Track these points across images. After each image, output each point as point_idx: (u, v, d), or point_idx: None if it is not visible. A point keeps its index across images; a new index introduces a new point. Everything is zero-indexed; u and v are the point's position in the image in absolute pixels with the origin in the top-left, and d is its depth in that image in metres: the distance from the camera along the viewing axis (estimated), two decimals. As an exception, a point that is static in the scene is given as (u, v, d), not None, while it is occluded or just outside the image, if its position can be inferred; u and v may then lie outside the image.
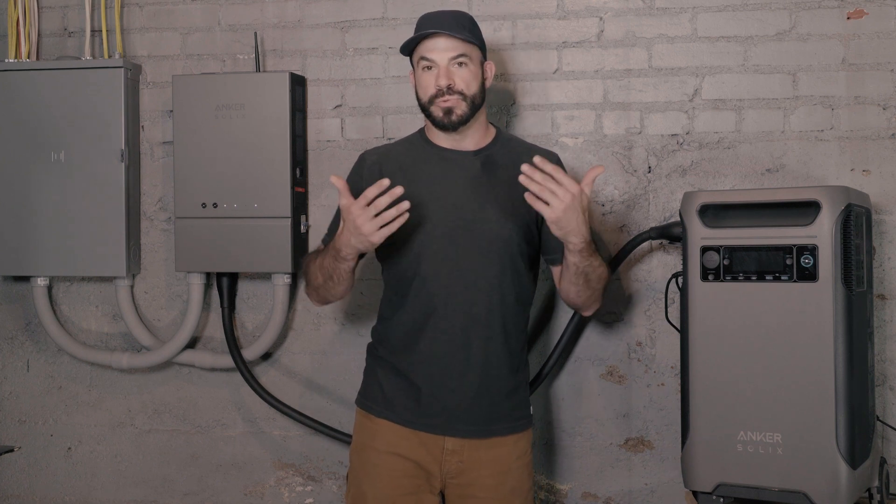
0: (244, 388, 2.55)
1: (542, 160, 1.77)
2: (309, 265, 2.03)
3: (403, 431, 1.97)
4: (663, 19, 2.41)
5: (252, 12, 2.61)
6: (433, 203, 1.97)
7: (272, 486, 2.63)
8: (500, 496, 1.98)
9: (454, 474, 1.98)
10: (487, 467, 1.97)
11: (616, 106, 2.43)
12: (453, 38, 1.96)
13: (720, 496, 1.96)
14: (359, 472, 2.02)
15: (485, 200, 1.98)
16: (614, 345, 2.45)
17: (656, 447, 2.42)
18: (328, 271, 1.95)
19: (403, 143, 2.13)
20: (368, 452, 2.00)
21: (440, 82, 1.96)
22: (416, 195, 1.93)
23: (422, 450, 1.96)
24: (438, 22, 1.98)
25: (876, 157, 2.32)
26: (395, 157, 2.06)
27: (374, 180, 1.84)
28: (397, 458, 1.96)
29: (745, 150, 2.37)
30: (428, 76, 1.98)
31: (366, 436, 2.02)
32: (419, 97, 2.02)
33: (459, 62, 1.97)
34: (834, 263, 1.87)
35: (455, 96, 1.95)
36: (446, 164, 2.02)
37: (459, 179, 2.00)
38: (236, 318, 2.62)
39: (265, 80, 2.48)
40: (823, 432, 1.86)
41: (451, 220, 1.97)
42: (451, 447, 1.96)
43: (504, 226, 1.97)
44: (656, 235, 2.32)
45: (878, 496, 2.06)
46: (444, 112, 1.96)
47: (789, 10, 2.35)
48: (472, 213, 1.97)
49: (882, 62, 2.31)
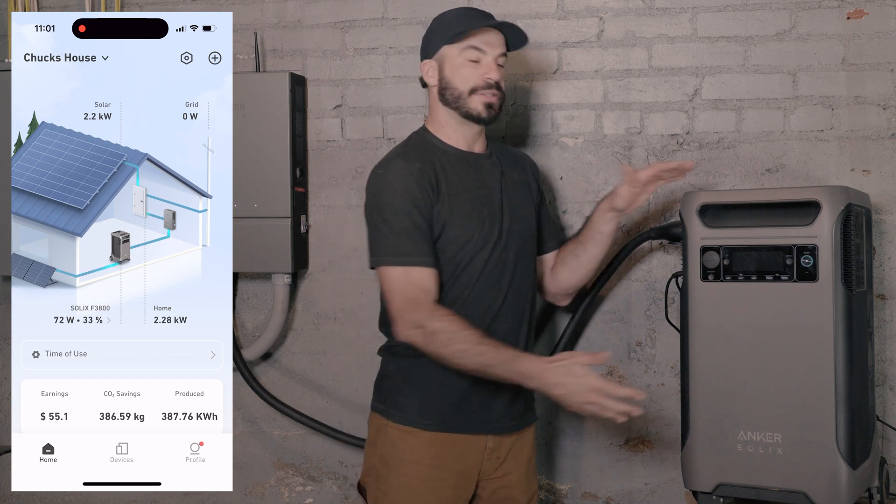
0: (244, 388, 2.55)
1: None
2: (460, 341, 1.81)
3: (447, 439, 1.94)
4: (663, 19, 2.41)
5: (252, 12, 2.61)
6: (483, 211, 1.96)
7: (272, 486, 2.63)
8: (526, 483, 2.07)
9: (492, 471, 1.99)
10: (518, 457, 2.04)
11: (616, 106, 2.43)
12: (502, 36, 2.00)
13: (720, 496, 1.97)
14: (394, 487, 1.94)
15: (514, 203, 2.03)
16: (614, 345, 2.45)
17: (656, 447, 2.42)
18: (485, 373, 1.82)
19: (421, 147, 2.00)
20: (408, 467, 1.93)
21: (491, 76, 1.96)
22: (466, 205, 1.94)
23: (465, 455, 1.95)
24: (490, 17, 2.01)
25: (876, 157, 2.32)
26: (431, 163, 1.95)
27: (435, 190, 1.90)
28: (440, 469, 1.93)
29: (745, 150, 2.37)
30: (473, 68, 1.96)
31: (403, 449, 1.94)
32: (454, 87, 1.97)
33: (500, 62, 2.00)
34: (834, 263, 1.87)
35: (499, 93, 1.98)
36: (475, 169, 2.01)
37: (491, 184, 2.01)
38: (236, 318, 2.62)
39: (265, 80, 2.48)
40: (823, 432, 1.86)
41: (497, 228, 1.97)
42: (491, 446, 1.98)
43: (531, 225, 2.07)
44: (656, 235, 2.32)
45: (878, 496, 2.06)
46: (486, 106, 1.96)
47: (789, 10, 2.35)
48: (509, 216, 2.00)
49: (882, 62, 2.31)
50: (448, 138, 2.01)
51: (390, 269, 1.89)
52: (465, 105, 1.96)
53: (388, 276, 1.89)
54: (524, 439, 2.06)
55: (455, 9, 2.07)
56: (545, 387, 1.75)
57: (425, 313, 1.84)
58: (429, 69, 2.02)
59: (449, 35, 1.98)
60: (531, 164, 2.20)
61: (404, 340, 1.87)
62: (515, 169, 2.10)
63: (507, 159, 2.10)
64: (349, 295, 2.57)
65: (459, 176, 1.97)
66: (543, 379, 1.75)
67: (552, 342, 2.44)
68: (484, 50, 1.96)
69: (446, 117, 2.01)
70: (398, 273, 1.88)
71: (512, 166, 2.09)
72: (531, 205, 2.10)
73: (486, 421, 1.97)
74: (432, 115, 2.04)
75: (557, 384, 1.73)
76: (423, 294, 1.86)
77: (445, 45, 1.98)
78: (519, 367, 1.78)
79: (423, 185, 1.90)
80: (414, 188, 1.89)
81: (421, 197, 1.89)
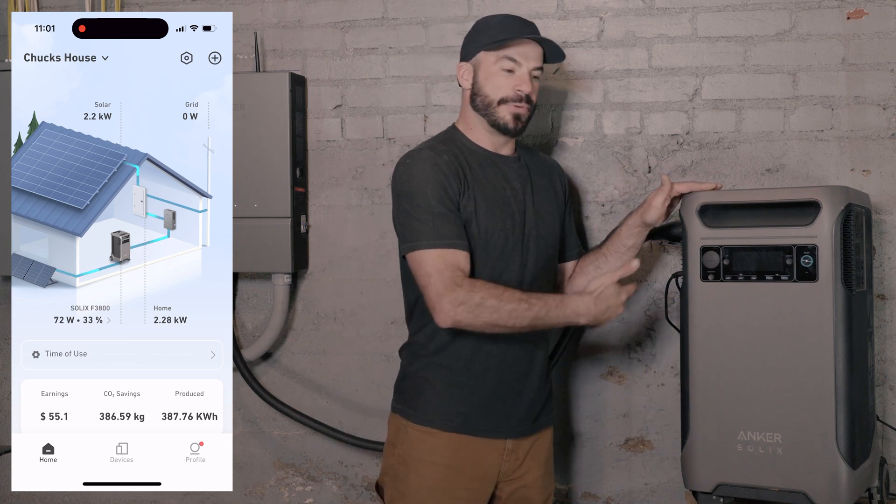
0: (244, 388, 2.55)
1: None
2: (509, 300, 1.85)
3: (467, 440, 1.94)
4: (663, 19, 2.41)
5: (252, 12, 2.61)
6: (507, 210, 1.97)
7: (272, 486, 2.63)
8: (543, 484, 2.08)
9: (510, 472, 2.00)
10: (536, 459, 2.05)
11: (616, 106, 2.43)
12: (539, 48, 1.99)
13: (720, 496, 1.96)
14: (412, 487, 1.94)
15: (539, 207, 2.04)
16: (614, 345, 2.45)
17: (656, 447, 2.42)
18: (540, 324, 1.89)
19: (450, 143, 2.01)
20: (426, 467, 1.94)
21: (523, 88, 1.95)
22: (492, 201, 1.95)
23: (484, 457, 1.96)
24: (531, 29, 2.01)
25: (876, 157, 2.32)
26: (459, 158, 1.96)
27: (462, 182, 1.92)
28: (458, 469, 1.94)
29: (745, 150, 2.37)
30: (507, 78, 1.96)
31: (422, 450, 1.94)
32: (485, 94, 1.97)
33: (535, 75, 1.99)
34: (834, 263, 1.87)
35: (529, 106, 1.98)
36: (502, 170, 2.01)
37: (517, 186, 2.01)
38: (236, 318, 2.62)
39: (265, 80, 2.48)
40: (823, 432, 1.86)
41: (520, 229, 1.98)
42: (510, 448, 1.99)
43: (554, 230, 2.08)
44: (656, 235, 2.31)
45: (878, 496, 2.06)
46: (514, 117, 1.96)
47: (789, 10, 2.35)
48: (532, 219, 2.01)
49: (882, 62, 2.31)
50: (476, 139, 2.02)
51: (426, 253, 1.86)
52: (494, 114, 1.96)
53: (424, 260, 1.86)
54: (542, 440, 2.07)
55: (499, 15, 2.04)
56: (596, 316, 1.90)
57: (465, 290, 1.83)
58: (464, 72, 2.02)
59: (487, 41, 1.97)
60: (560, 171, 2.19)
61: (451, 324, 1.84)
62: (543, 175, 2.10)
63: (536, 164, 2.11)
64: (349, 295, 2.57)
65: (485, 174, 1.97)
66: (594, 310, 1.90)
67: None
68: (519, 61, 1.96)
69: (475, 121, 2.01)
70: (434, 256, 1.86)
71: (540, 172, 2.09)
72: (556, 211, 2.09)
73: (508, 423, 1.98)
74: (463, 116, 2.05)
75: (601, 311, 1.90)
76: (461, 273, 1.85)
77: (482, 51, 1.98)
78: (569, 309, 1.89)
79: (451, 175, 1.90)
80: (442, 177, 1.89)
81: (449, 186, 1.90)
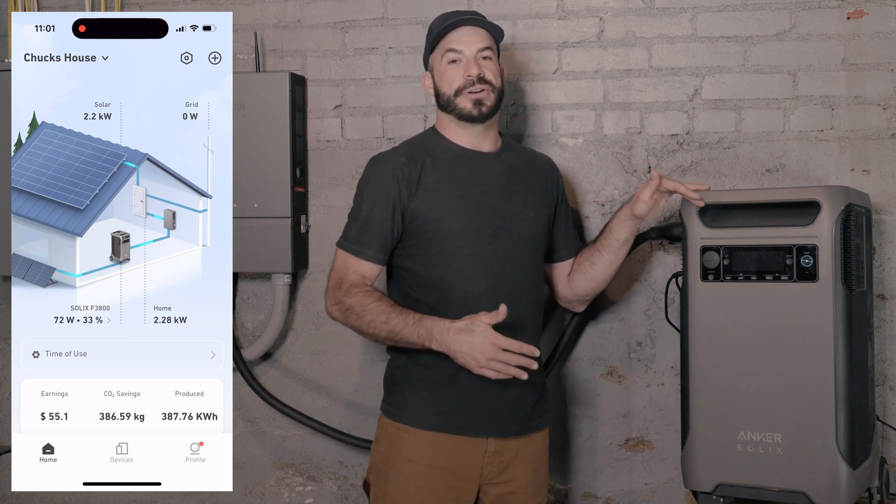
0: (244, 388, 2.55)
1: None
2: (370, 312, 1.89)
3: (443, 439, 1.93)
4: (663, 19, 2.41)
5: (252, 12, 2.61)
6: (471, 206, 1.97)
7: (272, 486, 2.63)
8: (534, 491, 2.03)
9: (494, 475, 1.97)
10: (525, 463, 2.00)
11: (616, 106, 2.43)
12: (481, 30, 2.00)
13: (720, 496, 1.97)
14: (392, 486, 1.95)
15: (517, 202, 2.02)
16: (614, 345, 2.45)
17: (656, 447, 2.42)
18: (396, 339, 1.88)
19: (421, 144, 2.05)
20: (404, 465, 1.94)
21: (471, 72, 1.96)
22: (453, 199, 1.96)
23: (464, 457, 1.94)
24: (462, 14, 2.02)
25: (876, 157, 2.32)
26: (420, 159, 1.99)
27: (413, 186, 1.94)
28: (436, 469, 1.92)
29: (745, 150, 2.37)
30: (455, 69, 1.98)
31: (401, 448, 1.95)
32: (443, 92, 2.00)
33: (485, 55, 1.99)
34: (834, 263, 1.87)
35: (486, 86, 1.97)
36: (475, 166, 2.01)
37: (491, 182, 2.01)
38: (236, 318, 2.62)
39: (265, 80, 2.48)
40: (823, 432, 1.86)
41: (491, 223, 1.97)
42: (492, 449, 1.95)
43: (535, 225, 2.04)
44: (656, 235, 2.32)
45: (878, 496, 2.06)
46: (475, 103, 1.96)
47: (789, 10, 2.35)
48: (509, 214, 2.00)
49: (882, 62, 2.31)
50: (455, 137, 2.03)
51: (339, 251, 2.00)
52: (456, 107, 1.98)
53: (336, 257, 2.00)
54: (532, 445, 2.03)
55: (436, 17, 2.07)
56: (448, 344, 1.81)
57: (342, 292, 1.93)
58: (427, 80, 2.08)
59: (429, 44, 2.03)
60: (552, 169, 2.17)
61: (332, 319, 1.97)
62: (530, 171, 2.09)
63: (521, 160, 2.09)
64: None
65: (453, 172, 1.98)
66: (445, 337, 1.81)
67: (552, 342, 2.44)
68: (460, 49, 1.98)
69: (447, 121, 2.04)
70: (342, 256, 1.99)
71: (525, 168, 2.08)
72: (543, 207, 2.07)
73: (489, 422, 1.95)
74: (438, 118, 2.08)
75: (459, 342, 1.79)
76: (355, 278, 1.95)
77: (431, 55, 2.04)
78: (423, 328, 1.85)
79: (400, 179, 1.95)
80: (388, 181, 1.95)
81: (394, 190, 1.94)
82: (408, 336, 1.86)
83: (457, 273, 1.94)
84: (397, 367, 2.01)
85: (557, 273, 2.18)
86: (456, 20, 1.99)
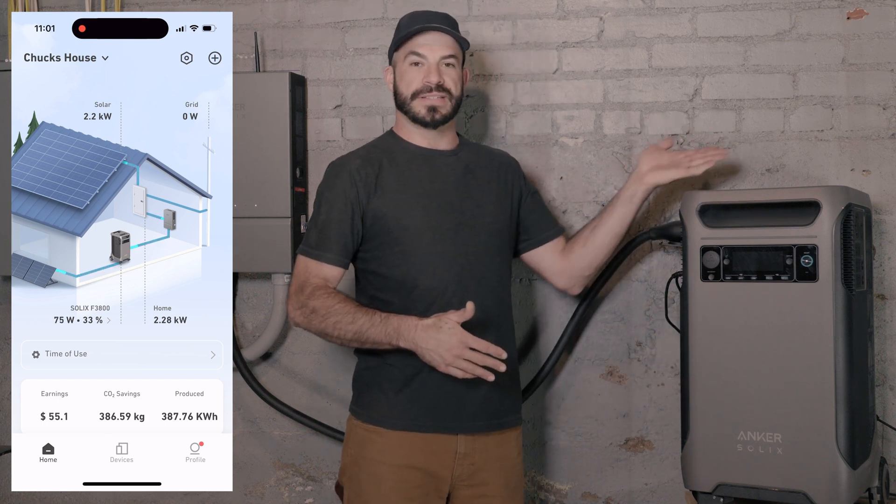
0: (244, 388, 2.55)
1: None
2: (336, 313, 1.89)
3: (413, 438, 1.93)
4: (663, 19, 2.41)
5: (252, 12, 2.61)
6: (431, 203, 1.98)
7: (272, 486, 2.63)
8: (507, 493, 2.01)
9: (465, 477, 1.96)
10: (496, 464, 1.99)
11: (616, 106, 2.43)
12: (448, 37, 2.00)
13: (720, 496, 1.96)
14: (364, 487, 1.95)
15: (477, 197, 2.03)
16: (614, 345, 2.45)
17: (656, 447, 2.42)
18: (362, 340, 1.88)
19: (377, 146, 2.07)
20: (375, 467, 1.93)
21: (430, 79, 1.98)
22: (412, 197, 1.98)
23: (433, 457, 1.94)
24: (432, 19, 2.02)
25: (876, 157, 2.32)
26: (377, 160, 2.01)
27: (371, 187, 1.95)
28: (407, 469, 1.92)
29: (745, 150, 2.37)
30: (415, 71, 1.99)
31: (371, 449, 1.95)
32: (400, 92, 2.02)
33: (448, 62, 2.00)
34: (834, 263, 1.87)
35: (443, 95, 1.98)
36: (432, 164, 2.03)
37: (449, 178, 2.03)
38: (236, 318, 2.62)
39: (265, 80, 2.48)
40: (823, 432, 1.86)
41: (452, 219, 1.99)
42: (463, 450, 1.95)
43: (498, 219, 2.05)
44: (656, 235, 2.32)
45: (878, 496, 2.06)
46: (429, 109, 1.99)
47: (789, 10, 2.35)
48: (469, 210, 2.01)
49: (882, 62, 2.31)
50: (411, 137, 2.05)
51: (299, 258, 2.01)
52: (411, 109, 2.01)
53: (297, 263, 2.01)
54: (505, 447, 2.02)
55: (408, 13, 2.08)
56: (415, 342, 1.81)
57: (305, 296, 1.93)
58: (388, 75, 2.09)
59: (396, 41, 2.04)
60: (509, 162, 2.18)
61: (294, 324, 1.96)
62: (487, 167, 2.10)
63: (478, 158, 2.11)
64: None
65: (412, 171, 2.01)
66: (413, 334, 1.81)
67: (552, 342, 2.44)
68: (423, 54, 1.99)
69: (403, 120, 2.07)
70: (302, 261, 1.99)
71: (483, 165, 2.10)
72: (504, 201, 2.08)
73: (457, 419, 1.94)
74: (396, 116, 2.10)
75: (427, 338, 1.79)
76: (317, 282, 1.94)
77: (395, 52, 2.05)
78: (390, 327, 1.84)
79: (357, 180, 1.96)
80: (346, 184, 1.97)
81: (352, 193, 1.96)
82: (375, 335, 1.86)
83: (421, 270, 1.95)
84: (366, 369, 2.02)
85: (548, 255, 2.16)
86: (423, 27, 1.99)
